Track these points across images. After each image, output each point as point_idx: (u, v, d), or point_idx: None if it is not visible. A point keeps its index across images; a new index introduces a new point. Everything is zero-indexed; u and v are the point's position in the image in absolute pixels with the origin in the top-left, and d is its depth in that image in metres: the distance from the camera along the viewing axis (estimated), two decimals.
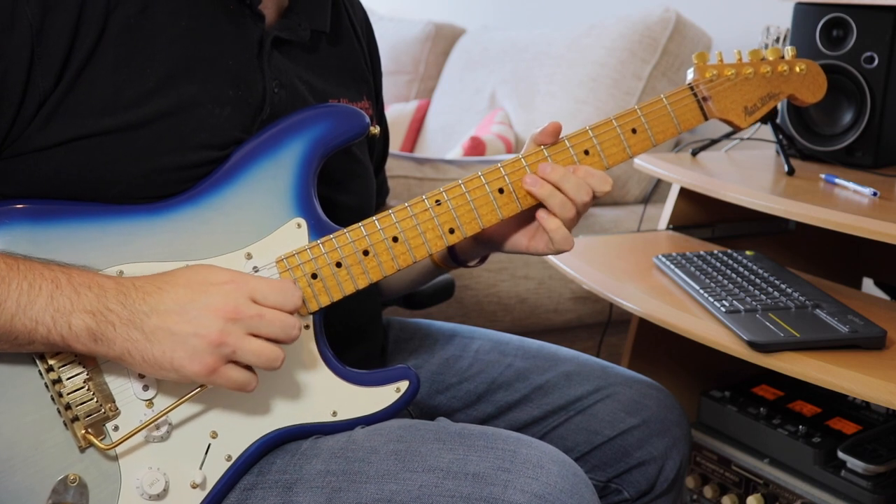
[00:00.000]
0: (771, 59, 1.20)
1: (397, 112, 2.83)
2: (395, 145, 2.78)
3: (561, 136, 1.08)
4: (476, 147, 2.30)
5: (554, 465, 0.92)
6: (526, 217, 1.10)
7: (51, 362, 0.91)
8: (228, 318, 0.88)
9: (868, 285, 1.95)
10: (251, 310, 0.89)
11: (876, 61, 1.52)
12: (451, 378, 1.26)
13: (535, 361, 1.25)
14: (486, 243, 1.15)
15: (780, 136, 1.60)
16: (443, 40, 2.97)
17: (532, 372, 1.24)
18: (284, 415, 0.98)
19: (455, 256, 1.20)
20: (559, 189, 1.04)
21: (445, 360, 1.27)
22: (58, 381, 0.91)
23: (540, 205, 1.07)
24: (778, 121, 1.62)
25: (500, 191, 1.05)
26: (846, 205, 1.34)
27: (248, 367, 0.91)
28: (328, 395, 0.99)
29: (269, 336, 0.90)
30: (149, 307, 0.88)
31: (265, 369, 0.91)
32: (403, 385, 1.01)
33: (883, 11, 1.50)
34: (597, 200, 1.08)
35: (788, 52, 1.21)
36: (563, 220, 1.06)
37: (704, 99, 1.14)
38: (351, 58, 1.17)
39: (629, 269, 1.47)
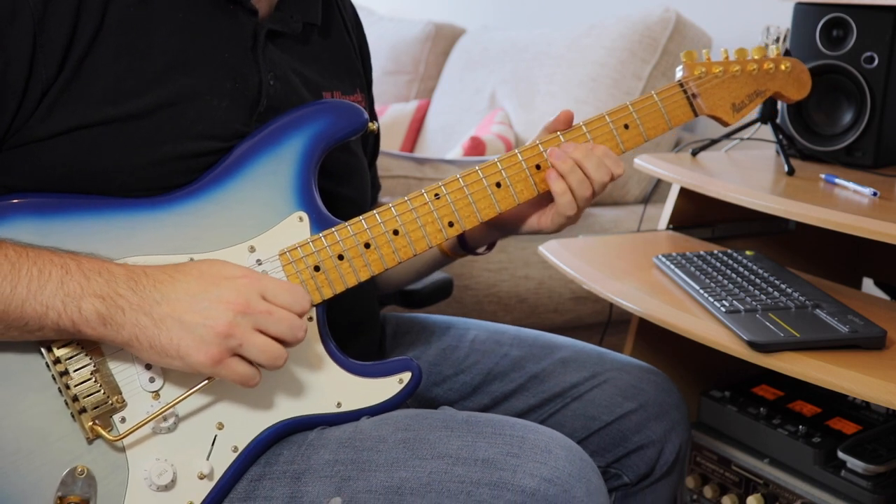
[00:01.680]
0: (756, 57, 1.23)
1: (397, 112, 2.82)
2: (395, 145, 2.78)
3: (557, 133, 1.09)
4: (476, 147, 2.30)
5: (561, 450, 0.93)
6: (535, 200, 1.12)
7: (58, 354, 0.91)
8: (238, 311, 0.89)
9: (868, 285, 1.95)
10: (261, 306, 0.90)
11: (876, 61, 1.52)
12: (448, 369, 1.26)
13: (530, 350, 1.26)
14: (500, 227, 1.17)
15: (780, 136, 1.60)
16: (443, 40, 2.97)
17: (528, 360, 1.25)
18: (289, 406, 0.99)
19: (464, 244, 1.21)
20: (580, 167, 1.07)
21: (442, 351, 1.28)
22: (65, 372, 0.91)
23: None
24: (778, 121, 1.62)
25: (498, 185, 1.07)
26: (846, 205, 1.34)
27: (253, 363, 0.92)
28: (332, 387, 1.01)
29: (275, 335, 0.90)
30: (160, 295, 0.88)
31: (268, 367, 0.91)
32: (406, 376, 1.02)
33: (883, 11, 1.50)
34: (599, 194, 1.10)
35: (773, 50, 1.23)
36: (578, 198, 1.08)
37: (694, 96, 1.17)
38: (342, 51, 1.18)
39: (629, 269, 1.47)
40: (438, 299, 1.44)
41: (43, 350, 0.92)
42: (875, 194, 1.39)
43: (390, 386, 1.02)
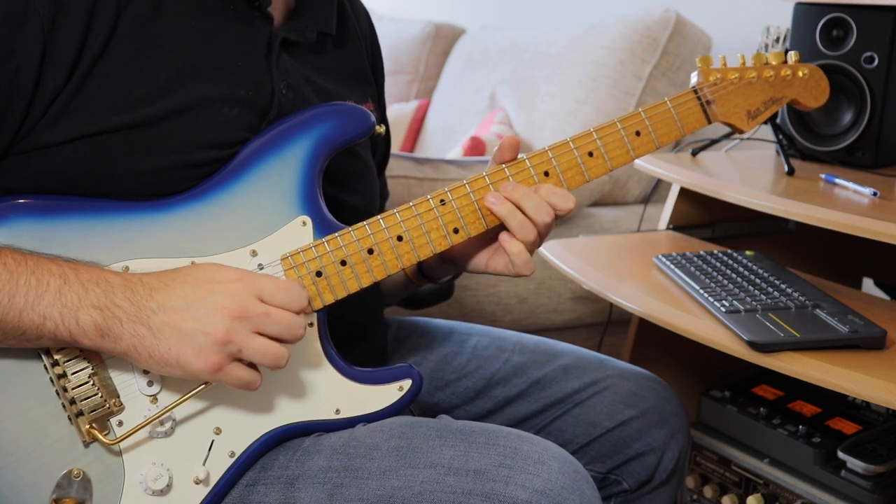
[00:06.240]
0: (774, 63, 1.19)
1: (397, 112, 2.82)
2: (395, 145, 2.77)
3: (566, 139, 1.08)
4: (476, 147, 2.29)
5: (555, 462, 0.92)
6: (488, 237, 1.09)
7: (56, 357, 0.91)
8: (235, 316, 0.88)
9: (868, 285, 1.95)
10: (258, 308, 0.89)
11: (876, 61, 1.52)
12: (450, 375, 1.26)
13: (532, 356, 1.26)
14: (451, 262, 1.15)
15: (780, 136, 1.61)
16: (443, 40, 2.97)
17: (530, 366, 1.25)
18: (288, 412, 0.98)
19: (425, 273, 1.21)
20: (520, 209, 1.03)
21: (444, 357, 1.27)
22: (63, 375, 0.91)
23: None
24: (778, 121, 1.62)
25: None
26: (846, 205, 1.34)
27: (253, 366, 0.92)
28: (331, 393, 1.00)
29: (274, 335, 0.90)
30: (156, 304, 0.88)
31: (270, 368, 0.91)
32: (406, 384, 1.02)
33: (883, 11, 1.50)
34: (561, 220, 1.06)
35: (792, 56, 1.21)
36: (525, 243, 1.04)
37: (708, 102, 1.15)
38: (355, 61, 1.18)
39: (629, 269, 1.47)
40: (440, 300, 1.44)
41: (42, 353, 0.91)
42: (875, 194, 1.39)
43: (390, 393, 1.01)
